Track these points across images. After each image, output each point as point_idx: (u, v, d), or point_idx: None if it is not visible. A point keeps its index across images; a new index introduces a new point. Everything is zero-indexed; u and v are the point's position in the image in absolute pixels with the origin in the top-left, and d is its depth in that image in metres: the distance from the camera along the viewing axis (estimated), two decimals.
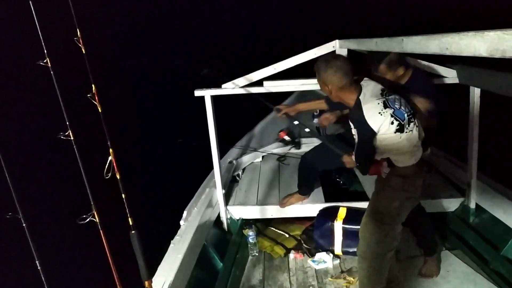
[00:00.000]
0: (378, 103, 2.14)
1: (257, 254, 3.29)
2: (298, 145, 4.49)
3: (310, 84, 3.01)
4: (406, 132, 2.16)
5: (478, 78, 2.89)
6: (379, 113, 2.12)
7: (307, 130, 2.95)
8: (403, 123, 2.14)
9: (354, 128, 2.25)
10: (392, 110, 2.13)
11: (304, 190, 3.40)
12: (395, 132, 2.14)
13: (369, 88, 2.23)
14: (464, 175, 3.34)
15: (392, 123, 2.12)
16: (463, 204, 3.33)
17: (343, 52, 3.02)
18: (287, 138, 4.51)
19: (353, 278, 2.89)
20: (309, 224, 3.41)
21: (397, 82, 2.73)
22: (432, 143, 2.64)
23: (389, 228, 2.31)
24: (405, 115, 2.16)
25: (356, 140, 2.26)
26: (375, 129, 2.13)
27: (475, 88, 2.99)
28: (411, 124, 2.18)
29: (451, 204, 3.39)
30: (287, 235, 3.41)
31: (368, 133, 2.17)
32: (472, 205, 3.26)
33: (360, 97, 2.19)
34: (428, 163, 3.90)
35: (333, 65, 2.21)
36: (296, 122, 2.94)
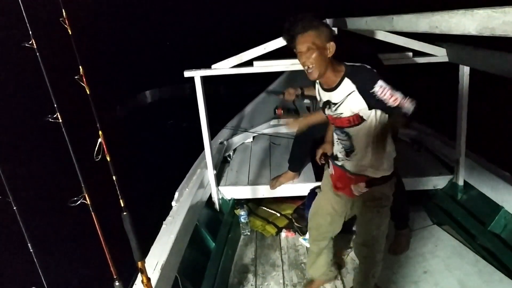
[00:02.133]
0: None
1: (249, 234, 3.33)
2: (297, 112, 4.45)
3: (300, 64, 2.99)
4: None
5: (468, 56, 2.90)
6: None
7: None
8: None
9: (376, 91, 1.88)
10: None
11: (295, 166, 3.41)
12: None
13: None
14: (452, 152, 3.37)
15: None
16: (452, 181, 3.38)
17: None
18: (285, 113, 4.50)
19: (344, 255, 2.94)
20: (300, 203, 3.44)
21: None
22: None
23: (388, 209, 2.25)
24: None
25: (391, 90, 1.86)
26: None
27: (465, 66, 3.00)
28: None
29: (440, 181, 3.44)
30: (278, 214, 3.45)
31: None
32: (461, 182, 3.31)
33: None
34: (418, 141, 3.95)
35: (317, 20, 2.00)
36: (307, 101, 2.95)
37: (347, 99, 1.97)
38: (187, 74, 3.05)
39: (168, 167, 5.36)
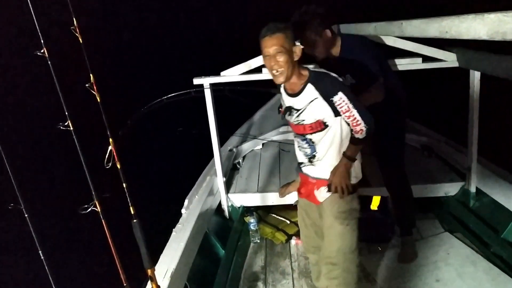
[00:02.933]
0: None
1: (258, 241, 3.31)
2: None
3: None
4: None
5: (478, 61, 2.87)
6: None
7: None
8: None
9: (335, 102, 1.91)
10: None
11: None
12: None
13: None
14: (464, 159, 3.34)
15: None
16: (464, 188, 3.34)
17: None
18: None
19: None
20: None
21: (331, 56, 2.54)
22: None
23: (356, 222, 2.14)
24: None
25: (350, 104, 1.90)
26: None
27: (475, 71, 2.97)
28: None
29: (452, 188, 3.40)
30: (288, 222, 3.43)
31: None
32: (473, 189, 3.26)
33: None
34: (428, 147, 3.92)
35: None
36: None
37: (310, 105, 1.96)
38: (196, 81, 3.07)
39: (178, 174, 5.37)
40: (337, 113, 1.94)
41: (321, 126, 1.98)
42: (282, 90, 2.12)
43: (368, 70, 2.38)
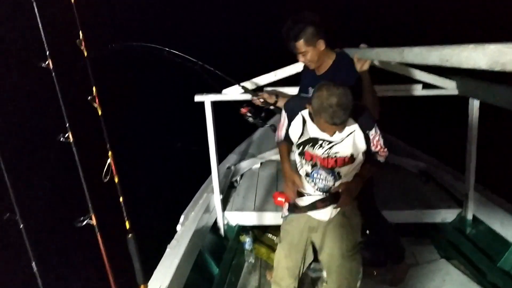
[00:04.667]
0: None
1: (253, 261, 3.28)
2: (262, 123, 3.19)
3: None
4: None
5: (478, 90, 2.90)
6: None
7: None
8: None
9: (372, 135, 1.99)
10: None
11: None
12: None
13: None
14: (461, 186, 3.34)
15: None
16: (460, 215, 3.34)
17: None
18: (250, 117, 3.04)
19: None
20: None
21: (323, 68, 2.45)
22: None
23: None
24: None
25: (379, 135, 2.01)
26: None
27: (475, 99, 3.00)
28: None
29: (448, 215, 3.39)
30: None
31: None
32: (469, 216, 3.26)
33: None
34: (426, 173, 3.92)
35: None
36: (272, 107, 2.85)
37: (348, 138, 1.94)
38: (197, 98, 3.08)
39: (175, 190, 5.35)
40: (368, 145, 1.98)
41: (352, 158, 2.00)
42: (303, 118, 2.02)
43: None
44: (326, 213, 2.12)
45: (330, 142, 1.96)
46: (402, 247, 2.93)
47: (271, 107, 2.81)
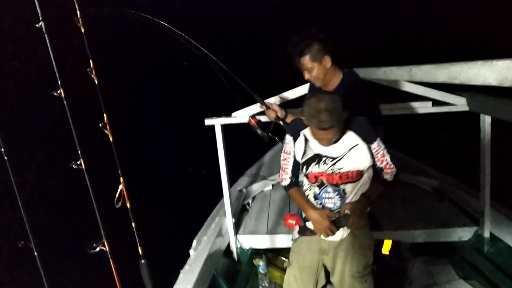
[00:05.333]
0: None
1: (267, 285, 3.24)
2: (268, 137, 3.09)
3: None
4: None
5: (488, 105, 2.88)
6: None
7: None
8: None
9: (374, 147, 1.95)
10: None
11: None
12: None
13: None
14: (477, 203, 3.28)
15: None
16: (477, 233, 3.27)
17: None
18: (258, 129, 3.02)
19: None
20: None
21: (329, 86, 2.38)
22: None
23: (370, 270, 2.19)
24: None
25: (385, 149, 1.97)
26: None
27: (486, 115, 2.98)
28: None
29: (465, 233, 3.33)
30: None
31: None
32: (486, 234, 3.19)
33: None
34: (440, 191, 3.87)
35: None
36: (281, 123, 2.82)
37: (350, 152, 1.93)
38: (207, 122, 3.10)
39: (187, 215, 5.34)
40: (372, 160, 1.95)
41: (358, 175, 1.96)
42: (305, 136, 2.03)
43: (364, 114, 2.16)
44: (337, 234, 2.08)
45: (333, 159, 1.95)
46: None
47: (280, 122, 2.79)
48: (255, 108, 3.07)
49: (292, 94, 3.10)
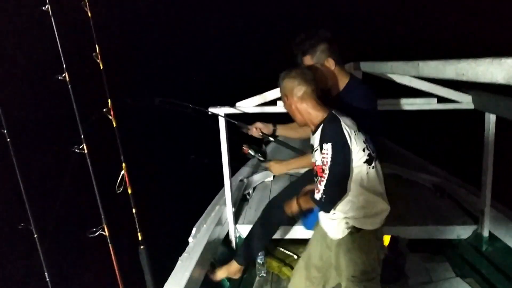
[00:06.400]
0: (353, 123, 1.89)
1: (264, 275, 3.26)
2: (264, 155, 3.25)
3: None
4: (373, 167, 1.90)
5: (494, 104, 2.86)
6: (355, 132, 1.84)
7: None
8: (373, 155, 1.90)
9: (323, 150, 1.83)
10: (364, 137, 1.89)
11: (249, 254, 2.99)
12: (364, 162, 1.86)
13: (338, 111, 1.95)
14: (477, 201, 3.28)
15: (364, 150, 1.85)
16: (476, 231, 3.27)
17: (358, 75, 3.01)
18: (251, 152, 3.09)
19: None
20: None
21: (334, 90, 2.35)
22: None
23: (376, 281, 2.09)
24: (374, 147, 1.93)
25: (328, 163, 1.80)
26: (353, 152, 1.82)
27: (491, 114, 2.96)
28: (377, 161, 1.94)
29: (464, 231, 3.33)
30: (295, 257, 3.38)
31: (346, 155, 1.81)
32: (485, 233, 3.19)
33: (333, 112, 1.92)
34: (440, 188, 3.87)
35: (293, 72, 2.02)
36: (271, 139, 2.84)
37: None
38: (211, 111, 3.09)
39: (188, 202, 5.36)
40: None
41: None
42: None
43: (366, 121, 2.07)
44: (337, 231, 2.06)
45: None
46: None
47: (270, 138, 2.78)
48: (259, 99, 3.07)
49: (272, 94, 3.06)
